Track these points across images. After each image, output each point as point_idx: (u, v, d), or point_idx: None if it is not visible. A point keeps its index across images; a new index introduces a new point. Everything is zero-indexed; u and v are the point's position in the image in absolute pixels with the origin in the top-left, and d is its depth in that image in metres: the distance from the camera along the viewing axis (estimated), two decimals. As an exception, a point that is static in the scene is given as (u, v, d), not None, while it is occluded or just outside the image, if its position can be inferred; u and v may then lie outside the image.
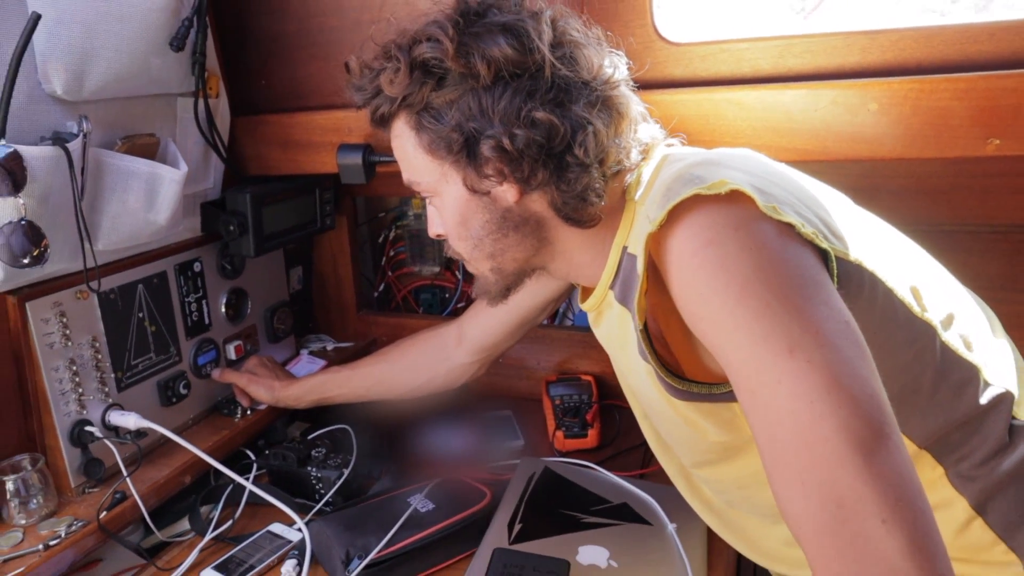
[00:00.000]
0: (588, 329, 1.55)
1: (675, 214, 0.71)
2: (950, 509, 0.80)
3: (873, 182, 1.29)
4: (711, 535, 1.09)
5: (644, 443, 1.36)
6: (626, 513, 1.11)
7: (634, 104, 0.90)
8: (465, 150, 0.84)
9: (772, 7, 1.27)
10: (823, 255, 0.70)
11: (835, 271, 0.70)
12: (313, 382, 1.40)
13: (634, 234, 0.86)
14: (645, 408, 1.00)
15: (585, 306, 1.00)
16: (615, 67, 0.88)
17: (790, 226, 0.69)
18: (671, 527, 1.07)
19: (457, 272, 1.74)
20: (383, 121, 0.91)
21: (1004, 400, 0.81)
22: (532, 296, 1.20)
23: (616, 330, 0.95)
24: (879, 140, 1.04)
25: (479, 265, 0.95)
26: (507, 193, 0.87)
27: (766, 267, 0.66)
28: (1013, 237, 1.29)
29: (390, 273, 1.80)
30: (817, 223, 0.72)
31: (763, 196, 0.69)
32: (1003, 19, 0.98)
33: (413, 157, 0.90)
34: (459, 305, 1.75)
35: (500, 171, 0.85)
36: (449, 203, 0.90)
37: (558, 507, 1.12)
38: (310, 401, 1.39)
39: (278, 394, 1.37)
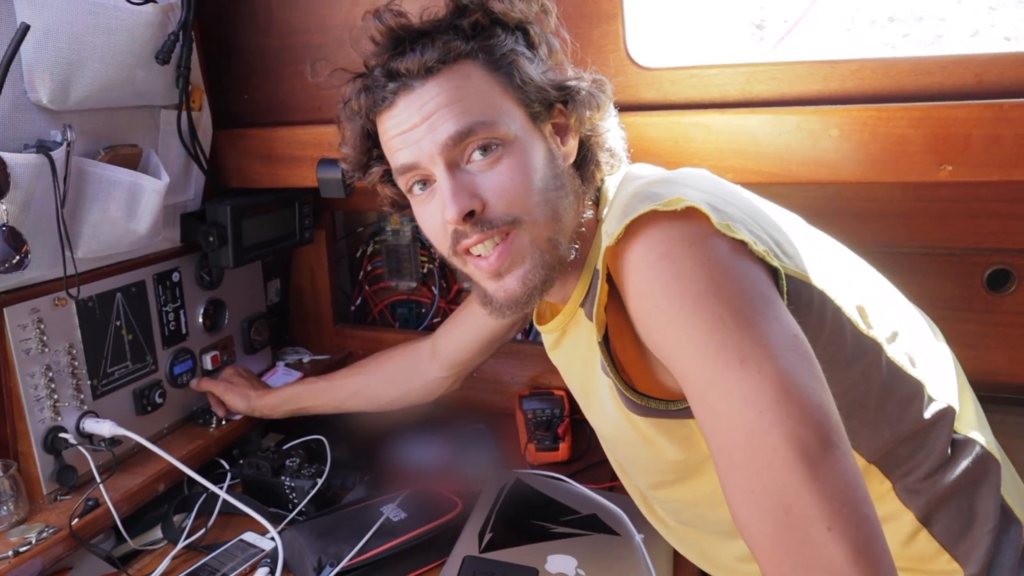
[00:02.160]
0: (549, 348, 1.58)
1: (632, 229, 0.73)
2: (897, 522, 0.83)
3: (835, 204, 1.34)
4: (677, 545, 1.11)
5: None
6: (595, 524, 1.13)
7: None
8: (538, 97, 0.87)
9: (732, 24, 1.33)
10: (774, 273, 0.73)
11: (785, 288, 0.73)
12: (288, 392, 1.41)
13: (600, 251, 0.89)
14: (605, 431, 1.01)
15: (546, 328, 1.01)
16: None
17: (743, 243, 0.71)
18: (638, 537, 1.10)
19: (433, 288, 1.76)
20: (439, 63, 0.83)
21: (946, 415, 0.84)
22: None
23: (583, 348, 0.96)
24: (840, 165, 1.08)
25: (544, 233, 0.85)
26: (567, 153, 0.91)
27: (719, 281, 0.68)
28: (968, 259, 1.35)
29: (367, 287, 1.82)
30: (769, 242, 0.75)
31: (718, 214, 0.72)
32: (953, 53, 1.03)
33: (487, 97, 0.84)
34: (435, 320, 1.77)
35: (564, 127, 0.91)
36: (526, 152, 0.85)
37: (528, 517, 1.14)
38: (285, 411, 1.40)
39: (253, 403, 1.38)
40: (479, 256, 0.85)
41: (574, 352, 0.99)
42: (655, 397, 0.83)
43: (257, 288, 1.59)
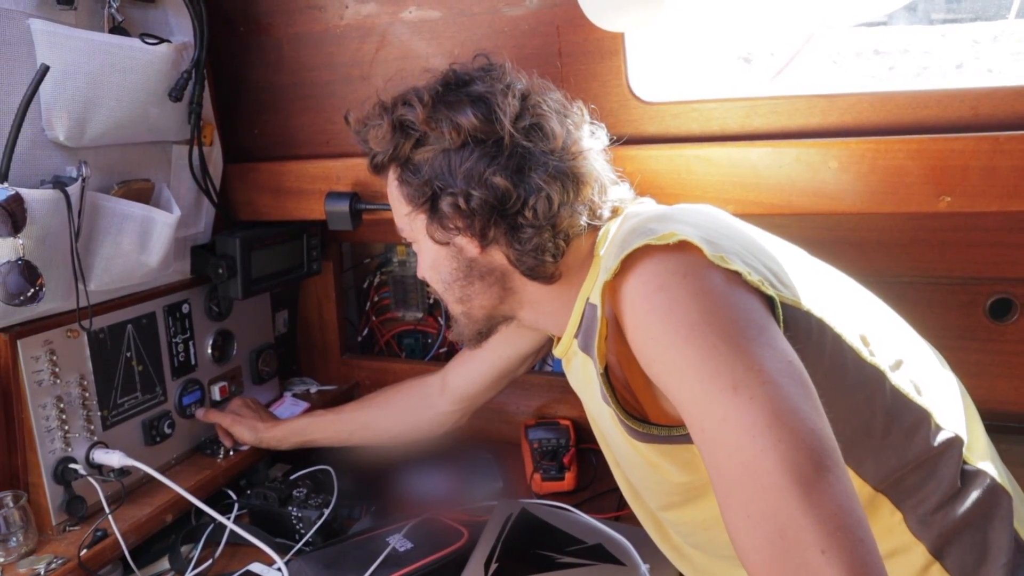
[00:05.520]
0: (566, 375, 1.59)
1: (628, 264, 0.76)
2: (909, 554, 0.83)
3: (836, 235, 1.35)
4: (683, 576, 1.11)
5: (619, 487, 1.40)
6: (600, 554, 1.13)
7: (600, 171, 0.96)
8: (431, 203, 0.93)
9: (721, 58, 1.36)
10: (770, 302, 0.75)
11: (781, 316, 0.75)
12: (296, 425, 1.42)
13: (596, 286, 0.91)
14: (614, 452, 1.04)
15: (557, 352, 1.05)
16: (585, 137, 0.95)
17: (737, 274, 0.73)
18: (644, 568, 1.09)
19: (440, 318, 1.78)
20: (378, 170, 1.01)
21: (954, 444, 0.84)
22: (514, 348, 1.25)
23: (581, 376, 1.01)
24: (840, 196, 1.10)
25: (452, 308, 1.03)
26: (468, 245, 0.95)
27: (712, 311, 0.71)
28: (970, 288, 1.35)
29: (374, 318, 1.83)
30: (765, 272, 0.77)
31: (711, 246, 0.74)
32: (949, 87, 1.05)
33: (397, 206, 1.00)
34: (441, 350, 1.78)
35: (458, 226, 0.93)
36: (424, 249, 1.00)
37: (534, 547, 1.14)
38: (292, 443, 1.41)
39: (261, 435, 1.39)
40: None
41: (578, 377, 1.04)
42: (658, 424, 0.85)
43: (265, 319, 1.60)
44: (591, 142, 0.96)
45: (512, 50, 1.21)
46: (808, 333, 0.78)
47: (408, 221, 0.98)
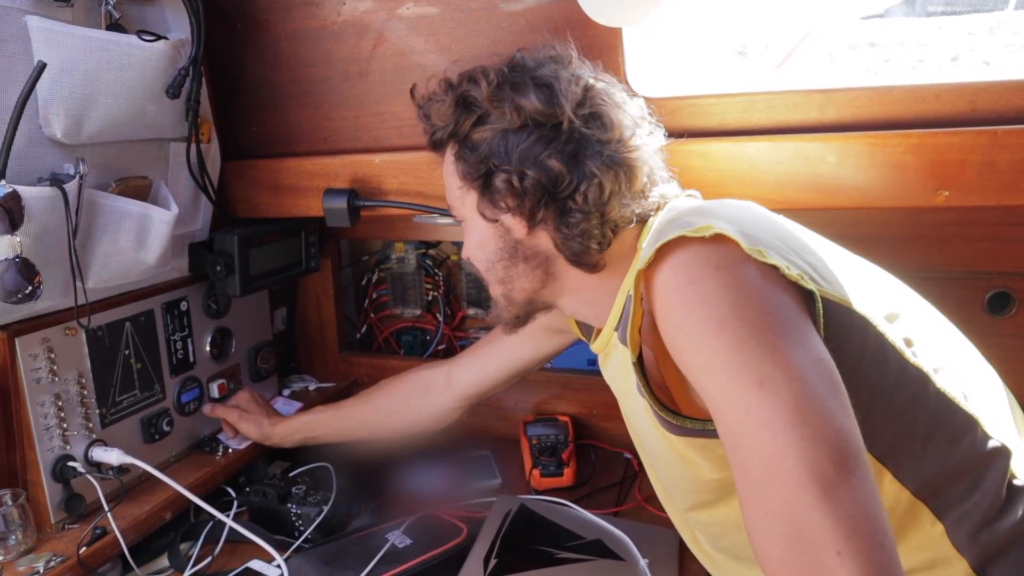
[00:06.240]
0: (565, 371, 1.59)
1: (662, 254, 0.75)
2: (950, 568, 0.80)
3: (835, 230, 1.33)
4: (682, 571, 1.11)
5: (618, 482, 1.41)
6: (599, 549, 1.13)
7: (654, 166, 0.95)
8: (484, 180, 0.94)
9: (716, 52, 1.36)
10: (810, 297, 0.73)
11: (821, 311, 0.73)
12: (299, 422, 1.42)
13: (630, 275, 0.92)
14: (647, 450, 1.02)
15: (595, 347, 1.05)
16: (643, 133, 0.95)
17: (774, 268, 0.72)
18: (643, 563, 1.10)
19: (438, 315, 1.78)
20: (437, 146, 1.01)
21: (1001, 455, 0.81)
22: (536, 350, 1.27)
23: (620, 371, 0.99)
24: (838, 191, 1.10)
25: (493, 289, 1.03)
26: (516, 225, 0.94)
27: (743, 305, 0.70)
28: (968, 283, 1.35)
29: (372, 315, 1.83)
30: (805, 267, 0.75)
31: (748, 240, 0.73)
32: (947, 81, 1.05)
33: (451, 182, 1.00)
34: (440, 347, 1.78)
35: (509, 205, 0.93)
36: (472, 227, 0.99)
37: (533, 543, 1.14)
38: (296, 440, 1.42)
39: (266, 431, 1.40)
40: None
41: (616, 372, 1.03)
42: (692, 417, 0.84)
43: (264, 316, 1.60)
44: (648, 139, 0.95)
45: (509, 46, 1.20)
46: (849, 330, 0.76)
47: (460, 196, 0.99)
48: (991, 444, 0.81)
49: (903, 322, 0.82)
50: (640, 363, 0.85)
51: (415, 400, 1.38)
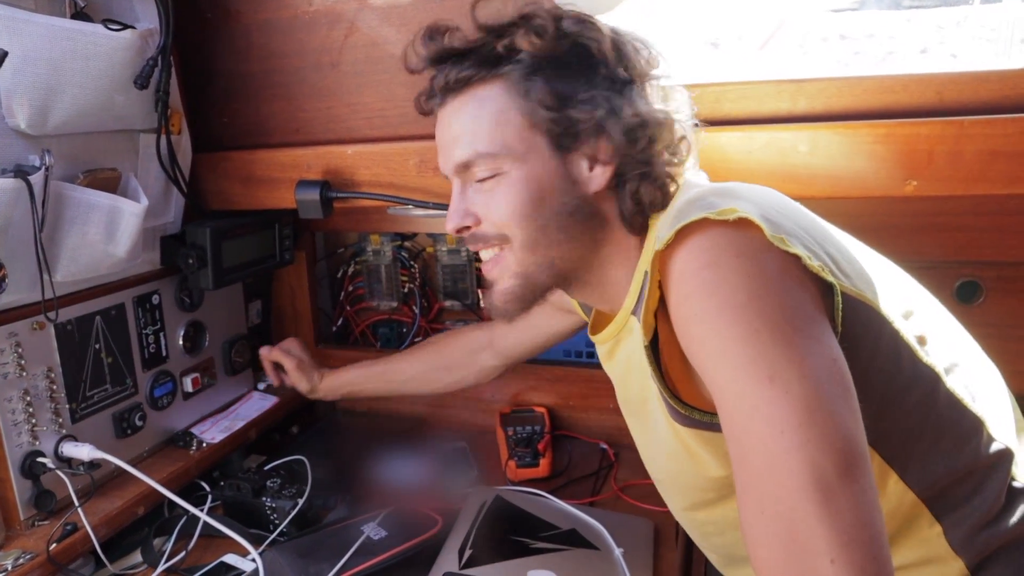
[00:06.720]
0: (542, 363, 1.59)
1: (682, 235, 0.72)
2: (944, 567, 0.79)
3: (807, 220, 1.36)
4: (657, 560, 1.12)
5: (594, 472, 1.41)
6: (575, 539, 1.14)
7: (693, 153, 0.93)
8: (568, 124, 0.84)
9: (688, 44, 1.37)
10: (828, 290, 0.71)
11: (839, 305, 0.71)
12: (347, 377, 1.47)
13: (647, 255, 0.88)
14: (650, 444, 0.99)
15: (599, 338, 1.00)
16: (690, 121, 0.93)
17: (796, 258, 0.69)
18: (618, 552, 1.10)
19: (415, 307, 1.77)
20: (464, 83, 0.87)
21: (1004, 457, 0.80)
22: (560, 325, 1.28)
23: (638, 357, 0.90)
24: (809, 181, 1.10)
25: (530, 255, 0.88)
26: (594, 180, 0.86)
27: (761, 295, 0.67)
28: (938, 272, 1.37)
29: (348, 308, 1.82)
30: (826, 258, 0.72)
31: (772, 226, 0.70)
32: (915, 72, 1.06)
33: (502, 124, 0.85)
34: (416, 339, 1.78)
35: (595, 156, 0.85)
36: (529, 178, 0.85)
37: (508, 533, 1.14)
38: (340, 395, 1.50)
39: (316, 385, 1.46)
40: (483, 261, 0.94)
41: (630, 361, 0.95)
42: (700, 409, 0.81)
43: (238, 310, 1.59)
44: (692, 129, 0.93)
45: (483, 36, 1.20)
46: (866, 325, 0.74)
47: (513, 143, 0.85)
48: (995, 447, 0.80)
49: (917, 319, 0.80)
50: (654, 347, 0.82)
51: (461, 359, 1.42)
